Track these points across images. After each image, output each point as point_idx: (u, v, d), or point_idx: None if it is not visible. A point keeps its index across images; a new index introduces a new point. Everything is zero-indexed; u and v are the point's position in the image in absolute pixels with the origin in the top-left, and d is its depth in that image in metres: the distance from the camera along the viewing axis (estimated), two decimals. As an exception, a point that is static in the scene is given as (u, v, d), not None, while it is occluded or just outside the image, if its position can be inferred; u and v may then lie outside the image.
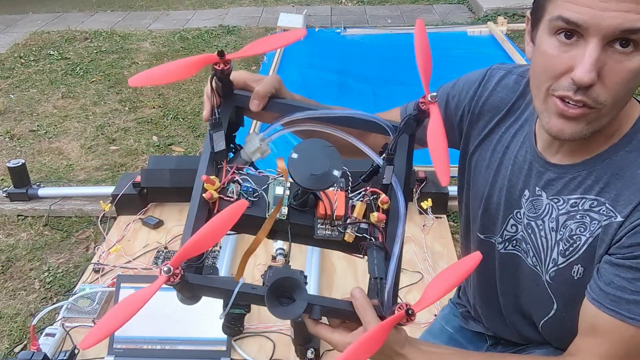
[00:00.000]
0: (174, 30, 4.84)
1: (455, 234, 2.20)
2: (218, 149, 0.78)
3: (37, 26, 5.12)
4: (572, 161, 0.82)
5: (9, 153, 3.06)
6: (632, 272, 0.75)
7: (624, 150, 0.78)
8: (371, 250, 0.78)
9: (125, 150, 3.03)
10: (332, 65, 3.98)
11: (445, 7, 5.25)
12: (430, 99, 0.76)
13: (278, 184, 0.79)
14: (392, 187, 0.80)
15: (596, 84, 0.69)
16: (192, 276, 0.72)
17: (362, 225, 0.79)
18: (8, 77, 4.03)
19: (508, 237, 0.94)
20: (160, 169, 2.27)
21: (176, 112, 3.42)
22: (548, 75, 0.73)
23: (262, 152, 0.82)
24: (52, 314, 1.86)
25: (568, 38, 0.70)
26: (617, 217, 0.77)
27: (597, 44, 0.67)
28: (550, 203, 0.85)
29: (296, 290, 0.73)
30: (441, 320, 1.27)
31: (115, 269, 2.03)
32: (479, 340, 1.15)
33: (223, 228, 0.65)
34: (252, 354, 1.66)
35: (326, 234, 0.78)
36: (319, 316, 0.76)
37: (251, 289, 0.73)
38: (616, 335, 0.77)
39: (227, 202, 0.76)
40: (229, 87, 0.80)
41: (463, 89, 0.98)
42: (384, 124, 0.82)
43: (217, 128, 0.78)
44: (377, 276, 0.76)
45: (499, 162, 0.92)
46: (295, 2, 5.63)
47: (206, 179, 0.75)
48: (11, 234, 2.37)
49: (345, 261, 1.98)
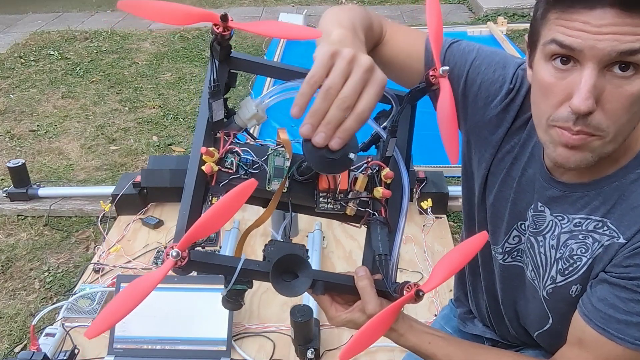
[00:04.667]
0: (174, 30, 4.84)
1: (455, 234, 2.20)
2: (217, 119, 0.73)
3: (37, 26, 5.12)
4: (580, 180, 0.79)
5: (9, 153, 3.06)
6: (627, 293, 0.74)
7: (635, 172, 0.75)
8: (374, 226, 0.77)
9: (125, 150, 3.03)
10: (332, 65, 3.97)
11: (445, 7, 5.24)
12: (442, 72, 0.73)
13: (278, 155, 0.76)
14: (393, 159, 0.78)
15: (596, 111, 0.65)
16: (194, 253, 0.69)
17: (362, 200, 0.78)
18: (8, 77, 4.03)
19: (509, 249, 0.93)
20: (160, 169, 2.27)
21: (176, 112, 3.42)
22: (547, 104, 0.70)
23: (259, 118, 0.76)
24: (52, 314, 1.86)
25: (564, 64, 0.67)
26: (620, 238, 0.75)
27: (594, 69, 0.64)
28: (554, 220, 0.83)
29: (300, 266, 0.72)
30: (441, 320, 1.27)
31: (115, 269, 2.03)
32: (477, 342, 1.14)
33: (232, 208, 0.62)
34: (252, 354, 1.66)
35: (328, 208, 0.77)
36: (323, 292, 0.76)
37: (255, 265, 0.72)
38: (603, 352, 0.77)
39: (225, 173, 0.74)
40: (227, 51, 0.74)
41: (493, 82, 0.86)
42: (388, 95, 0.76)
43: (216, 96, 0.72)
44: (382, 252, 0.75)
45: (505, 173, 0.89)
46: (295, 2, 5.63)
47: (206, 150, 0.71)
48: (11, 234, 2.37)
49: (345, 261, 1.97)
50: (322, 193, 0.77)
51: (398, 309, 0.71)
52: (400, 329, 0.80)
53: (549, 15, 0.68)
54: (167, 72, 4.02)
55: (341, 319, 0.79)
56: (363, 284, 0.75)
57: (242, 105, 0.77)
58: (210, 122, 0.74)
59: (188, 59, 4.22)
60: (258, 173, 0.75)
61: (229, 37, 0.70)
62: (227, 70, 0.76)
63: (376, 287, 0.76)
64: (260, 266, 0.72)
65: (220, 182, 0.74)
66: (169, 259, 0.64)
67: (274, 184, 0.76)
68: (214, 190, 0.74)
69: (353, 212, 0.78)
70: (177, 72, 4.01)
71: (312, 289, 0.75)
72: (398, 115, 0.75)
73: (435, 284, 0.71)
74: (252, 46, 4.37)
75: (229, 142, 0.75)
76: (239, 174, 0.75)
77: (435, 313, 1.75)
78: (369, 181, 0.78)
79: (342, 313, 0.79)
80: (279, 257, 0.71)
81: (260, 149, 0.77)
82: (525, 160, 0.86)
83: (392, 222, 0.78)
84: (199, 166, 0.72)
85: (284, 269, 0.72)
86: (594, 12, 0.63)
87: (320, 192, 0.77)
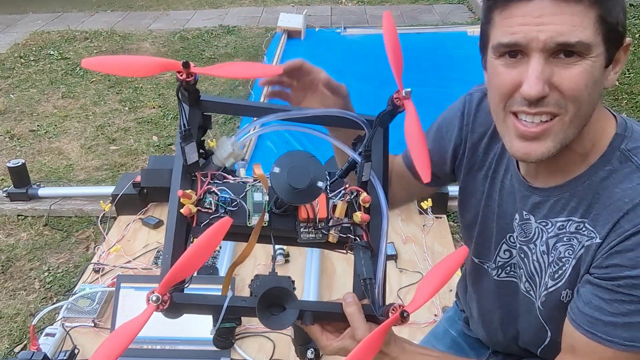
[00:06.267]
0: (174, 30, 4.84)
1: (455, 234, 2.20)
2: (191, 161, 0.75)
3: (37, 26, 5.12)
4: (555, 183, 0.80)
5: (9, 153, 3.06)
6: (610, 294, 0.73)
7: (603, 170, 0.76)
8: (357, 250, 0.78)
9: (125, 150, 3.03)
10: (332, 65, 3.98)
11: (445, 7, 5.24)
12: (405, 94, 0.75)
13: (256, 190, 0.77)
14: (371, 183, 0.79)
15: (550, 93, 0.68)
16: (178, 295, 0.70)
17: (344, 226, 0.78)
18: (8, 77, 4.03)
19: (501, 264, 0.93)
20: (160, 169, 2.27)
21: (176, 112, 3.42)
22: (501, 94, 0.73)
23: (235, 156, 0.79)
24: (52, 314, 1.86)
25: (513, 57, 0.70)
26: (597, 238, 0.75)
27: (540, 57, 0.67)
28: (539, 227, 0.84)
29: (286, 298, 0.72)
30: (445, 322, 1.26)
31: (115, 269, 2.03)
32: (481, 347, 1.14)
33: (209, 249, 0.63)
34: (252, 354, 1.66)
35: (310, 237, 0.77)
36: (312, 322, 0.75)
37: (241, 301, 0.72)
38: (595, 356, 0.76)
39: (205, 214, 0.74)
40: (195, 95, 0.77)
41: (448, 129, 0.96)
42: (357, 119, 0.79)
43: (188, 140, 0.74)
44: (366, 277, 0.75)
45: (489, 187, 0.91)
46: (295, 2, 5.63)
47: (182, 193, 0.72)
48: (11, 234, 2.37)
49: (345, 262, 1.97)
50: (302, 223, 0.77)
51: (384, 332, 0.70)
52: (392, 352, 0.79)
53: (493, 16, 0.72)
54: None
55: (333, 348, 0.78)
56: (351, 310, 0.74)
57: (218, 145, 0.79)
58: (185, 165, 0.75)
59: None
60: (238, 210, 0.76)
61: (194, 81, 0.73)
62: (199, 114, 0.78)
63: (366, 311, 0.75)
64: (247, 302, 0.72)
65: (201, 223, 0.74)
66: (149, 303, 0.64)
67: (254, 219, 0.76)
68: (195, 232, 0.74)
69: (335, 240, 0.78)
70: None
71: (301, 320, 0.74)
72: (371, 140, 0.77)
73: (420, 304, 0.70)
74: (252, 46, 4.37)
75: (205, 182, 0.75)
76: (218, 213, 0.75)
77: (436, 313, 1.75)
78: (349, 207, 0.78)
79: (333, 341, 0.78)
80: (263, 291, 0.71)
81: (238, 185, 0.77)
82: (503, 173, 0.89)
83: (374, 246, 0.78)
84: (178, 209, 0.73)
85: (271, 303, 0.72)
86: (532, 3, 0.67)
87: (300, 223, 0.77)
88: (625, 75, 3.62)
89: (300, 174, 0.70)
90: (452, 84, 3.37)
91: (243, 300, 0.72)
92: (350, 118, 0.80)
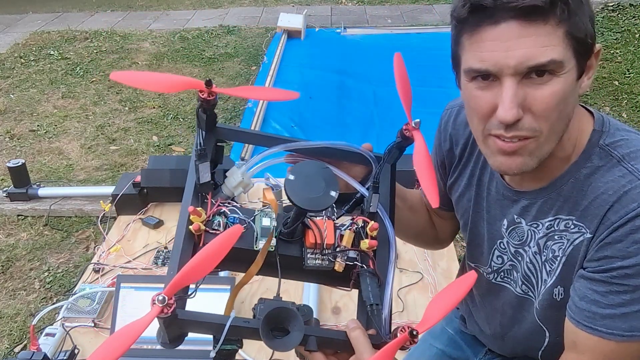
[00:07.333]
0: (174, 30, 4.84)
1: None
2: (204, 180, 0.77)
3: (37, 26, 5.12)
4: (540, 185, 0.82)
5: (9, 153, 3.06)
6: (604, 286, 0.74)
7: (585, 167, 0.78)
8: (364, 277, 0.77)
9: (125, 150, 3.03)
10: (332, 65, 3.99)
11: (445, 7, 5.25)
12: (414, 125, 0.76)
13: (264, 215, 0.78)
14: (378, 214, 0.80)
15: (524, 116, 0.70)
16: (181, 312, 0.70)
17: (350, 255, 0.78)
18: (8, 77, 4.04)
19: (496, 269, 0.94)
20: (160, 169, 2.26)
21: (176, 112, 3.43)
22: (479, 116, 0.74)
23: (245, 186, 0.80)
24: (52, 314, 1.86)
25: (485, 79, 0.71)
26: (587, 233, 0.77)
27: (512, 81, 0.68)
28: (530, 229, 0.85)
29: (291, 321, 0.72)
30: (442, 320, 1.26)
31: (115, 269, 2.02)
32: (477, 344, 1.14)
33: (219, 254, 0.63)
34: (252, 353, 1.65)
35: (316, 264, 0.77)
36: (315, 347, 0.74)
37: (244, 322, 0.72)
38: (597, 351, 0.76)
39: (213, 235, 0.74)
40: (212, 120, 0.78)
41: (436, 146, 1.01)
42: (366, 154, 0.82)
43: (202, 159, 0.76)
44: (373, 302, 0.75)
45: (475, 194, 0.93)
46: (295, 2, 5.64)
47: (193, 209, 0.73)
48: (11, 234, 2.37)
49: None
50: (309, 249, 0.77)
51: (393, 352, 0.68)
52: None
53: (462, 40, 0.73)
54: (167, 72, 4.02)
55: None
56: (355, 334, 0.73)
57: (228, 174, 0.80)
58: (197, 184, 0.77)
59: (188, 59, 4.22)
60: (245, 233, 0.76)
61: (214, 102, 0.74)
62: (214, 141, 0.80)
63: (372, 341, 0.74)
64: (250, 323, 0.72)
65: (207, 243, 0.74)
66: (155, 305, 0.63)
67: (261, 243, 0.76)
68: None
69: (342, 268, 0.78)
70: (177, 72, 4.01)
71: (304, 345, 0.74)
72: (379, 174, 0.79)
73: (430, 324, 0.69)
74: (252, 46, 4.37)
75: (216, 204, 0.76)
76: None
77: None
78: (356, 237, 0.79)
79: None
80: (269, 310, 0.71)
81: (247, 210, 0.78)
82: (487, 181, 0.91)
83: (381, 275, 0.78)
84: (187, 225, 0.73)
85: (275, 325, 0.72)
86: (500, 27, 0.67)
87: (307, 249, 0.77)
88: (625, 75, 3.63)
89: (313, 181, 0.72)
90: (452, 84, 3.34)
91: (246, 321, 0.72)
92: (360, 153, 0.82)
